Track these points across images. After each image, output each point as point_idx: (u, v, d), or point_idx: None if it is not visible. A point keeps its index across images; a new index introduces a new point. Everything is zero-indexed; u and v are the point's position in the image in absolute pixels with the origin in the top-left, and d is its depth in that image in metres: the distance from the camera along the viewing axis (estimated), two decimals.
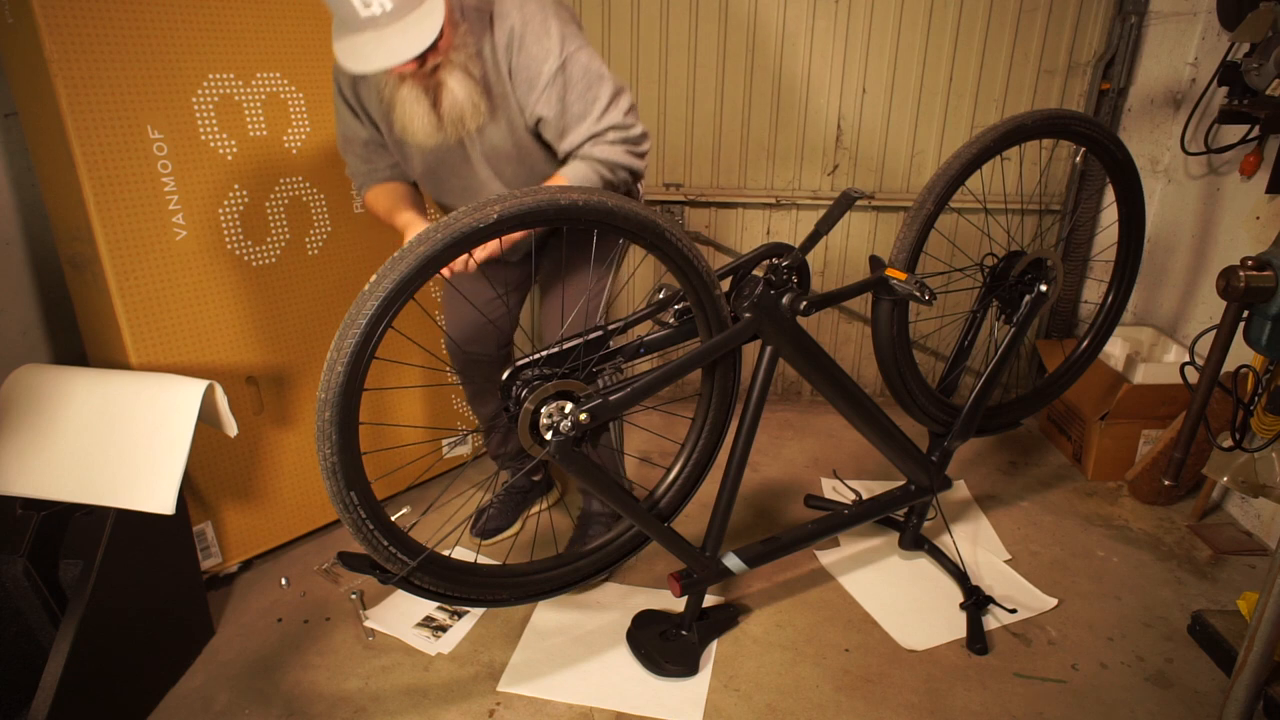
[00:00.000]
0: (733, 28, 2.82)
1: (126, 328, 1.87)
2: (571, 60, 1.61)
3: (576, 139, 1.66)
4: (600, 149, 1.66)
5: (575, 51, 1.62)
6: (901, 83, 2.86)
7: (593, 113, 1.64)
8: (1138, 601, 2.14)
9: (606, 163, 1.67)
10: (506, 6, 1.61)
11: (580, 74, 1.62)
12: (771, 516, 2.50)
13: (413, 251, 1.32)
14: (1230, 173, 2.54)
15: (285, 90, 2.07)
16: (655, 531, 1.77)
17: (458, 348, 2.11)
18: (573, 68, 1.62)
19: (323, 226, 2.21)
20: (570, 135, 1.66)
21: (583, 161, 1.67)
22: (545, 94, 1.62)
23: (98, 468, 1.68)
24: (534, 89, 1.63)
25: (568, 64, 1.61)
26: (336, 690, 1.82)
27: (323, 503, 2.30)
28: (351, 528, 1.43)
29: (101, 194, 1.79)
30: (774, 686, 1.85)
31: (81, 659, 1.56)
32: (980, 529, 2.44)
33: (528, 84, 1.63)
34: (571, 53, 1.61)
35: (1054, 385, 2.40)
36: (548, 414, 1.50)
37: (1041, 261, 2.06)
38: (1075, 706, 1.80)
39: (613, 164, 1.67)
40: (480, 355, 2.09)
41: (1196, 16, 2.69)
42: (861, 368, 3.28)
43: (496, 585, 1.66)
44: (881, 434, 2.00)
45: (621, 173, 1.70)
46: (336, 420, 1.33)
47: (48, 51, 1.69)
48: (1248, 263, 1.44)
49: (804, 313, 1.72)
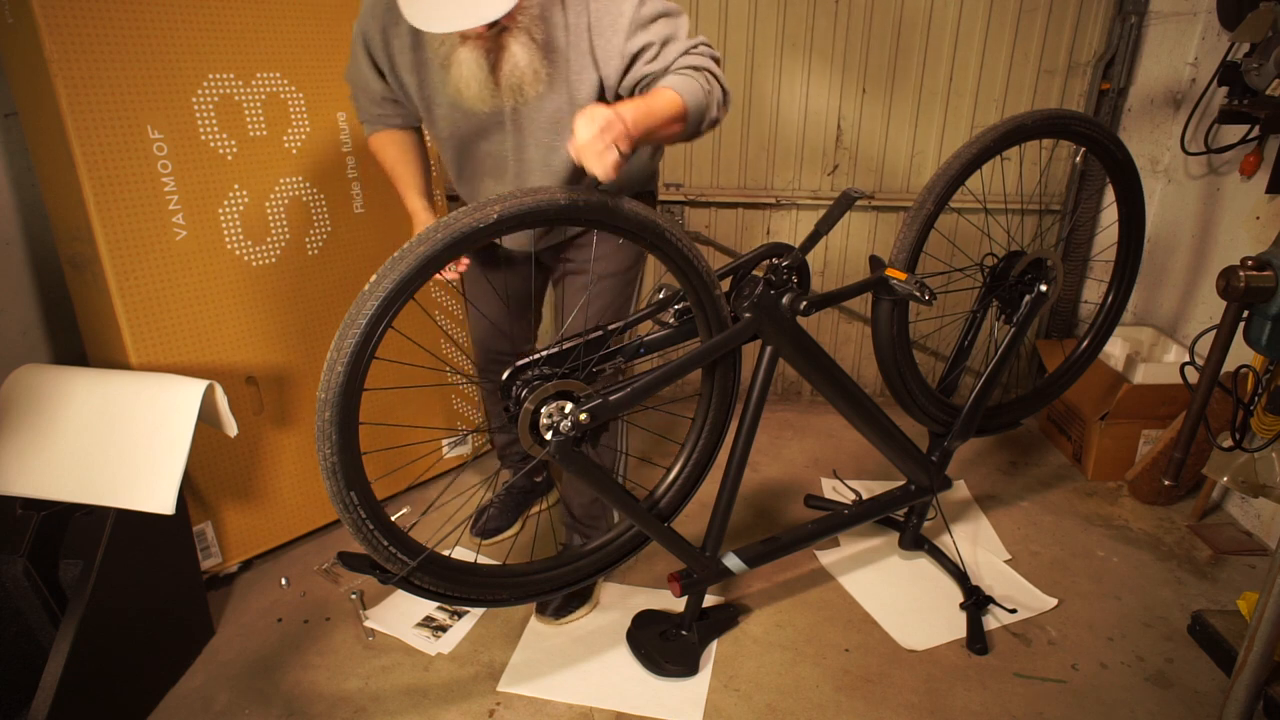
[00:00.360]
0: (733, 27, 2.82)
1: (126, 328, 1.87)
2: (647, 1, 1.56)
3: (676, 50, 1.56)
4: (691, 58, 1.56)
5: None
6: (901, 83, 2.86)
7: (683, 31, 1.58)
8: (1138, 601, 2.14)
9: (702, 70, 1.55)
10: None
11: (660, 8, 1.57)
12: (771, 516, 2.50)
13: (413, 251, 1.32)
14: (1230, 173, 2.54)
15: (285, 90, 2.07)
16: (655, 531, 1.77)
17: (483, 345, 2.11)
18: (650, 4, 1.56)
19: (323, 226, 2.21)
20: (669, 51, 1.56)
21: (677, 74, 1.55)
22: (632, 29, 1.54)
23: (98, 468, 1.68)
24: (618, 31, 1.54)
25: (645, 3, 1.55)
26: (336, 690, 1.82)
27: (323, 503, 2.30)
28: (351, 528, 1.43)
29: (101, 194, 1.79)
30: (774, 686, 1.85)
31: (81, 659, 1.56)
32: (980, 529, 2.44)
33: (613, 25, 1.55)
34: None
35: (1054, 385, 2.40)
36: (548, 414, 1.50)
37: (1041, 261, 2.06)
38: (1075, 706, 1.80)
39: (708, 71, 1.56)
40: (505, 354, 2.09)
41: (1196, 16, 2.69)
42: (861, 368, 3.28)
43: (496, 585, 1.66)
44: (881, 434, 2.00)
45: (716, 87, 1.58)
46: (336, 420, 1.33)
47: (48, 51, 1.69)
48: (1248, 263, 1.44)
49: (804, 313, 1.72)
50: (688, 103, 1.49)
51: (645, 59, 1.57)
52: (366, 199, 2.30)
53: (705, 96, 1.53)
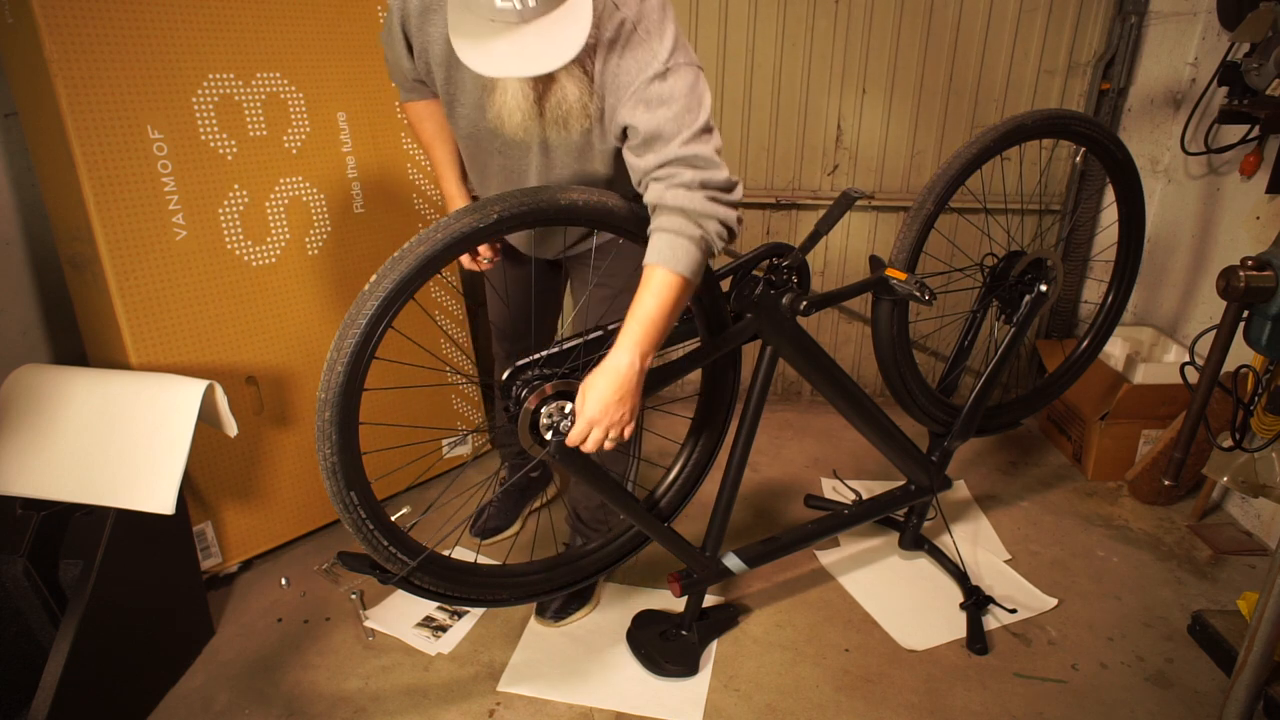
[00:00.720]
0: (733, 27, 2.82)
1: (126, 328, 1.87)
2: (676, 72, 1.39)
3: (655, 161, 1.41)
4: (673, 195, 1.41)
5: (684, 64, 1.40)
6: (901, 83, 2.86)
7: (681, 134, 1.39)
8: (1138, 601, 2.14)
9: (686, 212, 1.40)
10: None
11: (684, 89, 1.39)
12: (771, 516, 2.50)
13: (413, 251, 1.32)
14: (1230, 173, 2.54)
15: (285, 90, 2.07)
16: (655, 531, 1.77)
17: (503, 342, 2.10)
18: (676, 80, 1.39)
19: (323, 226, 2.21)
20: (650, 155, 1.42)
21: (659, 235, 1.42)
22: (634, 101, 1.40)
23: (98, 468, 1.68)
24: (624, 92, 1.41)
25: (670, 74, 1.39)
26: (336, 690, 1.82)
27: (323, 503, 2.30)
28: (351, 528, 1.43)
29: (101, 194, 1.79)
30: (774, 686, 1.85)
31: (81, 659, 1.56)
32: (980, 529, 2.44)
33: (621, 86, 1.41)
34: (680, 64, 1.40)
35: (1054, 385, 2.40)
36: (548, 414, 1.50)
37: (1041, 261, 2.06)
38: (1075, 706, 1.80)
39: (693, 212, 1.40)
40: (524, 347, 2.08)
41: (1196, 16, 2.69)
42: (861, 368, 3.27)
43: (496, 585, 1.66)
44: (881, 434, 2.00)
45: (710, 223, 1.42)
46: (336, 420, 1.33)
47: (48, 51, 1.69)
48: (1248, 263, 1.44)
49: (804, 313, 1.72)
50: (684, 272, 1.40)
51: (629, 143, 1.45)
52: (366, 199, 2.30)
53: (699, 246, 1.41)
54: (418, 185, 2.44)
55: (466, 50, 1.26)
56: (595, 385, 1.42)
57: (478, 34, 1.25)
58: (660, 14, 1.41)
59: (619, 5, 1.39)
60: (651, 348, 1.43)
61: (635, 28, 1.39)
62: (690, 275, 1.42)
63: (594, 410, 1.42)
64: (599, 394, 1.41)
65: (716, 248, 1.46)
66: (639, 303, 1.42)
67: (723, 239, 1.45)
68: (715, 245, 1.45)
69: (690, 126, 1.39)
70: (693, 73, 1.42)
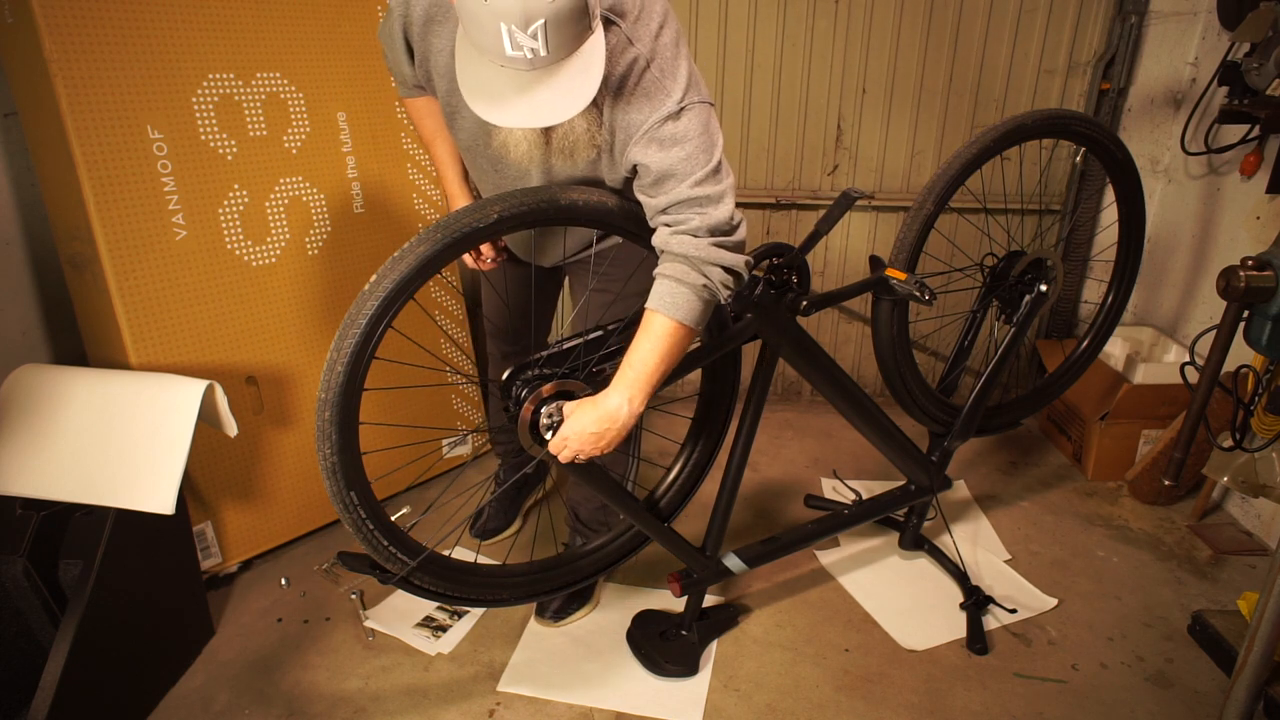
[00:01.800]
0: (733, 27, 2.82)
1: (126, 328, 1.87)
2: (690, 111, 1.37)
3: (665, 202, 1.39)
4: (678, 241, 1.39)
5: (697, 103, 1.38)
6: (901, 83, 2.86)
7: (693, 174, 1.37)
8: (1138, 601, 2.14)
9: (689, 259, 1.39)
10: (640, 31, 1.36)
11: (698, 129, 1.37)
12: (771, 516, 2.50)
13: (413, 251, 1.33)
14: (1230, 173, 2.54)
15: (285, 90, 2.07)
16: (655, 531, 1.78)
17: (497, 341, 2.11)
18: (690, 120, 1.37)
19: (323, 226, 2.21)
20: (661, 196, 1.40)
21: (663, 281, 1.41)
22: (646, 140, 1.37)
23: (98, 468, 1.68)
24: (636, 130, 1.38)
25: (684, 114, 1.36)
26: (336, 690, 1.82)
27: (323, 503, 2.29)
28: (351, 528, 1.43)
29: (101, 194, 1.79)
30: (774, 686, 1.85)
31: (81, 659, 1.56)
32: (980, 529, 2.44)
33: (634, 125, 1.38)
34: (693, 102, 1.37)
35: (1054, 385, 2.40)
36: (547, 414, 1.50)
37: (1041, 261, 2.06)
38: (1075, 706, 1.80)
39: (701, 261, 1.39)
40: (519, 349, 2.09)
41: (1196, 16, 2.69)
42: (861, 368, 3.27)
43: (496, 585, 1.66)
44: (881, 434, 2.00)
45: (714, 270, 1.40)
46: (336, 420, 1.33)
47: (48, 51, 1.69)
48: (1248, 263, 1.44)
49: (804, 313, 1.72)
50: (684, 320, 1.41)
51: (639, 182, 1.44)
52: (366, 199, 2.30)
53: (700, 297, 1.41)
54: (418, 185, 2.44)
55: (476, 97, 1.24)
56: (581, 414, 1.44)
57: (487, 81, 1.22)
58: (674, 50, 1.38)
59: (633, 40, 1.35)
60: (644, 393, 1.43)
61: (649, 65, 1.36)
62: (690, 323, 1.41)
63: (570, 433, 1.45)
64: (580, 423, 1.44)
65: (721, 296, 1.44)
66: (636, 347, 1.43)
67: (727, 286, 1.44)
68: (719, 293, 1.44)
69: (703, 167, 1.38)
70: (706, 111, 1.40)
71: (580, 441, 1.45)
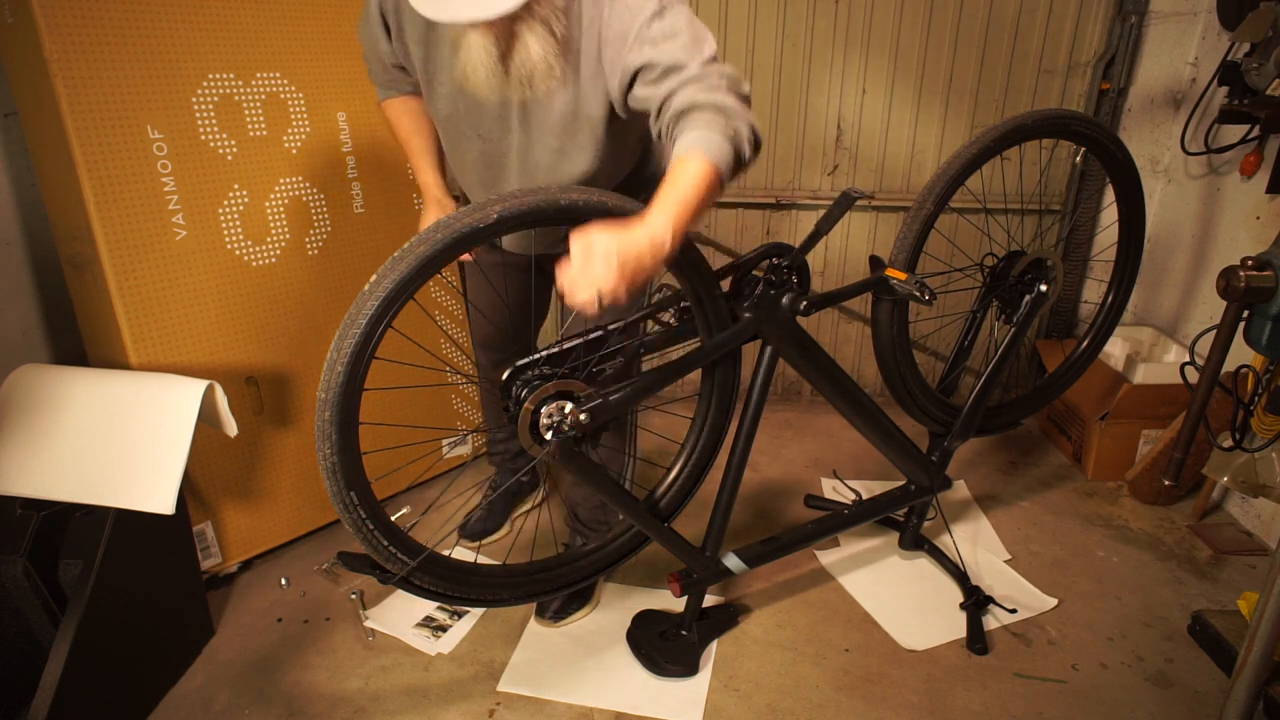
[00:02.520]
0: (733, 27, 2.82)
1: (126, 328, 1.87)
2: (671, 9, 1.42)
3: (680, 80, 1.40)
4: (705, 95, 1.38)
5: (674, 2, 1.43)
6: (901, 83, 2.86)
7: (697, 58, 1.40)
8: (1138, 601, 2.14)
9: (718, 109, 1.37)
10: None
11: (685, 23, 1.42)
12: (771, 516, 2.50)
13: (413, 252, 1.32)
14: (1230, 173, 2.54)
15: (285, 90, 2.07)
16: (655, 531, 1.77)
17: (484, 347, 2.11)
18: (674, 16, 1.42)
19: (323, 226, 2.21)
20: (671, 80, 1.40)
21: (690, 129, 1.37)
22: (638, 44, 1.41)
23: (98, 468, 1.68)
24: (624, 41, 1.42)
25: (666, 11, 1.42)
26: (336, 690, 1.82)
27: (323, 503, 2.30)
28: (351, 528, 1.43)
29: (101, 194, 1.79)
30: (774, 686, 1.85)
31: (81, 659, 1.56)
32: (980, 529, 2.44)
33: (621, 35, 1.43)
34: (671, 3, 1.43)
35: (1054, 385, 2.40)
36: (548, 414, 1.50)
37: (1041, 261, 2.06)
38: (1075, 706, 1.80)
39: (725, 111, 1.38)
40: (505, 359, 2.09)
41: (1196, 16, 2.69)
42: (861, 368, 3.27)
43: (496, 585, 1.66)
44: (881, 434, 2.00)
45: (742, 125, 1.40)
46: (336, 420, 1.33)
47: (48, 51, 1.69)
48: (1248, 263, 1.44)
49: (804, 313, 1.72)
50: (718, 163, 1.35)
51: (646, 79, 1.44)
52: (366, 199, 2.30)
53: (732, 144, 1.37)
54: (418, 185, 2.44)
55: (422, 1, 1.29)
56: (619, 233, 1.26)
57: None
58: None
59: None
60: (683, 228, 1.33)
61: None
62: (724, 169, 1.36)
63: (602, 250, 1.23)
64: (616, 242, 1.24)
65: (745, 153, 1.42)
66: (671, 185, 1.34)
67: (751, 146, 1.42)
68: (745, 150, 1.41)
69: (702, 53, 1.41)
70: (686, 8, 1.46)
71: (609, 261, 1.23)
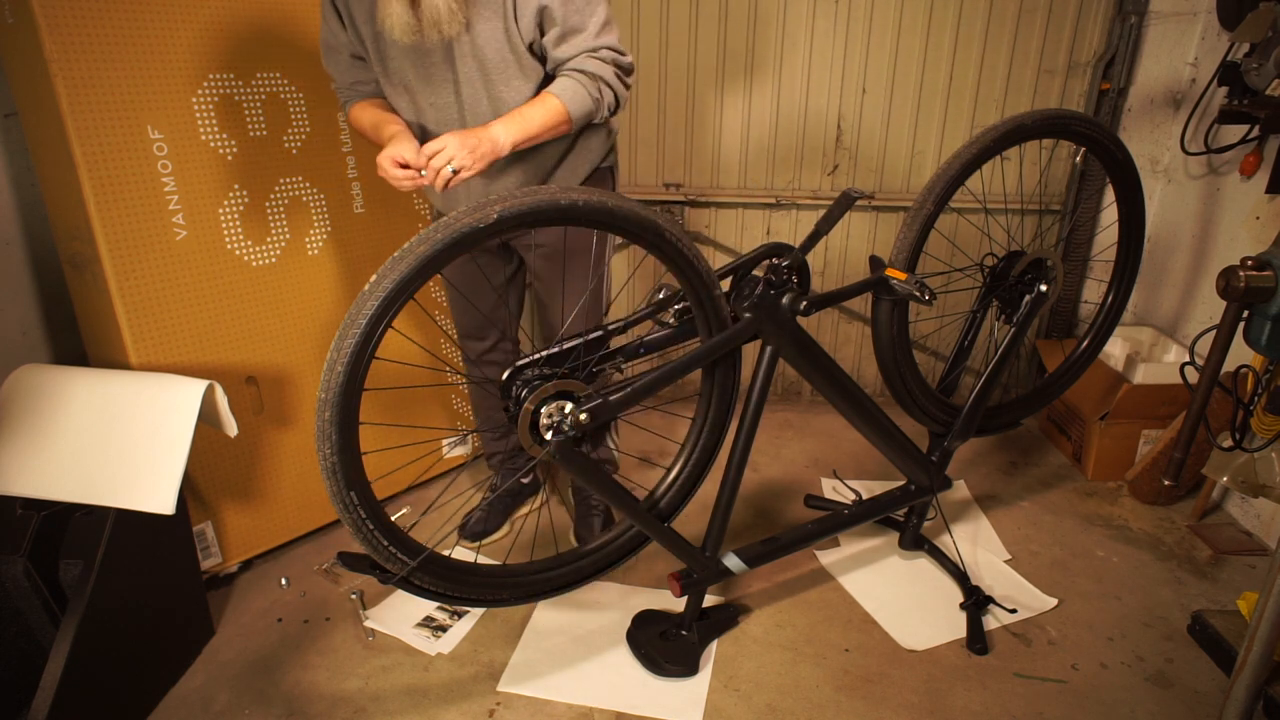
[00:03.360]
0: (733, 27, 2.82)
1: (126, 328, 1.87)
2: None
3: (571, 50, 1.68)
4: (592, 64, 1.69)
5: None
6: (901, 83, 2.86)
7: (589, 27, 1.67)
8: (1138, 601, 2.14)
9: (597, 78, 1.69)
10: None
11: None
12: (771, 516, 2.50)
13: (413, 251, 1.33)
14: (1230, 173, 2.54)
15: (285, 90, 2.07)
16: (655, 531, 1.78)
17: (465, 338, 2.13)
18: None
19: (323, 226, 2.21)
20: (565, 45, 1.68)
21: (570, 78, 1.69)
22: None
23: (98, 468, 1.68)
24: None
25: None
26: (336, 690, 1.83)
27: (323, 503, 2.30)
28: (351, 528, 1.43)
29: (101, 194, 1.79)
30: (774, 686, 1.85)
31: (81, 659, 1.56)
32: (980, 529, 2.44)
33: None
34: None
35: (1054, 385, 2.40)
36: (548, 414, 1.50)
37: (1041, 261, 2.06)
38: (1075, 706, 1.80)
39: (602, 80, 1.70)
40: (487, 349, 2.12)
41: (1196, 16, 2.69)
42: (861, 368, 3.28)
43: (496, 585, 1.66)
44: (881, 434, 2.00)
45: (609, 93, 1.73)
46: (336, 420, 1.33)
47: (48, 51, 1.69)
48: (1248, 263, 1.44)
49: (804, 313, 1.72)
50: (572, 110, 1.68)
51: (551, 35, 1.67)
52: (366, 199, 2.30)
53: (593, 104, 1.71)
54: None
55: None
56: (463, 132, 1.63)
57: None
58: None
59: None
60: (517, 141, 1.66)
61: None
62: (574, 117, 1.70)
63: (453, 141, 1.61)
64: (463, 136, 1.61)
65: (599, 115, 1.75)
66: (527, 108, 1.68)
67: (610, 110, 1.77)
68: (602, 112, 1.75)
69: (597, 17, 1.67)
70: None
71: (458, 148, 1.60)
